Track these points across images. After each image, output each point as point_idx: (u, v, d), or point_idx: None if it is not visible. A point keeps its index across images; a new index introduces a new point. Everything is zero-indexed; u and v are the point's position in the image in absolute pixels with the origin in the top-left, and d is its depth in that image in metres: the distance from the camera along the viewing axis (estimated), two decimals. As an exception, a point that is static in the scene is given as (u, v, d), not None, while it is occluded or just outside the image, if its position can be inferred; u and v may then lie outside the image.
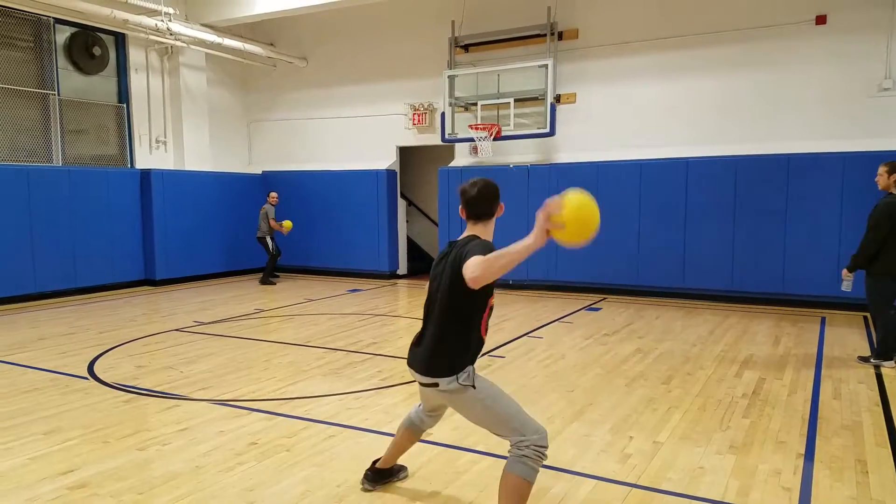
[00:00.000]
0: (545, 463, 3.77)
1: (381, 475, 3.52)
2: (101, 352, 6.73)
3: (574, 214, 2.44)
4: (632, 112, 10.46)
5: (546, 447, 2.89)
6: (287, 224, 12.24)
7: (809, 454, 3.99)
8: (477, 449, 4.04)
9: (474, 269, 2.53)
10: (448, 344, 2.92)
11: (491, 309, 2.96)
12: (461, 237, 3.00)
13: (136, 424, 4.57)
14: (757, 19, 9.51)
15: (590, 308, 9.39)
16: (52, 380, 5.68)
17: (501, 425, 2.90)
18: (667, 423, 4.54)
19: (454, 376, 2.88)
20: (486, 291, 2.84)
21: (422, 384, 3.03)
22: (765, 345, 7.02)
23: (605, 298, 10.23)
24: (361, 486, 3.51)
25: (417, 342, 3.06)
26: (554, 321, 8.37)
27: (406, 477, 3.63)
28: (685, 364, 6.17)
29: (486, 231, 2.99)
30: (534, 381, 5.58)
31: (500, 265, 2.51)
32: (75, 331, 7.83)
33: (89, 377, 5.77)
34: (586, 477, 3.65)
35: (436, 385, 2.93)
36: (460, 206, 3.07)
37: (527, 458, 2.83)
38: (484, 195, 2.99)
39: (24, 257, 9.86)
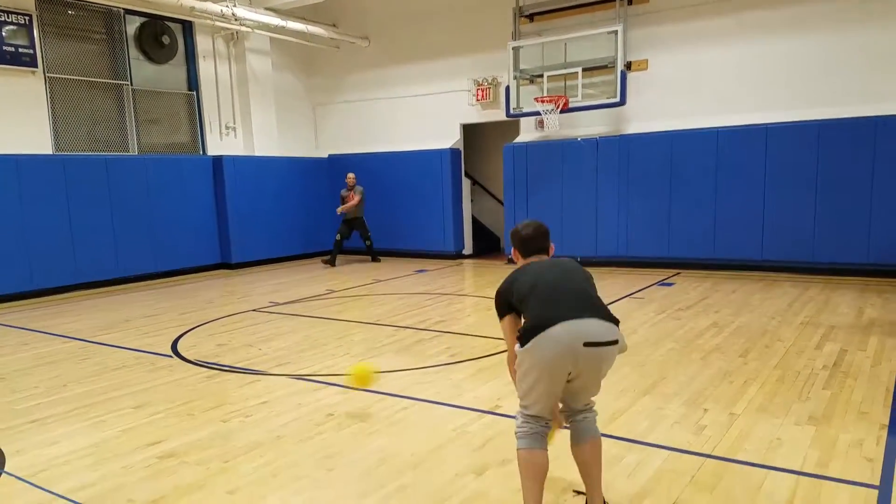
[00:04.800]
0: (617, 434, 3.78)
1: None
2: (182, 332, 7.03)
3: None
4: (707, 77, 10.08)
5: None
6: None
7: (894, 425, 3.84)
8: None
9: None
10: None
11: None
12: (548, 259, 3.03)
13: (219, 399, 4.78)
14: (836, -25, 9.03)
15: (662, 283, 9.20)
16: (138, 358, 5.98)
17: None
18: (743, 395, 4.44)
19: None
20: None
21: (598, 343, 2.64)
22: (847, 316, 6.75)
23: (678, 273, 10.01)
24: None
25: (572, 302, 2.73)
26: (625, 297, 8.25)
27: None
28: (763, 337, 6.00)
29: None
30: (604, 355, 5.52)
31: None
32: (157, 312, 8.19)
33: (173, 355, 6.05)
34: (660, 448, 3.62)
35: (615, 342, 2.71)
36: (514, 250, 3.11)
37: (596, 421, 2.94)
38: (541, 231, 3.07)
39: (107, 244, 10.36)
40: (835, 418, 3.97)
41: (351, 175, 12.54)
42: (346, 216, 12.44)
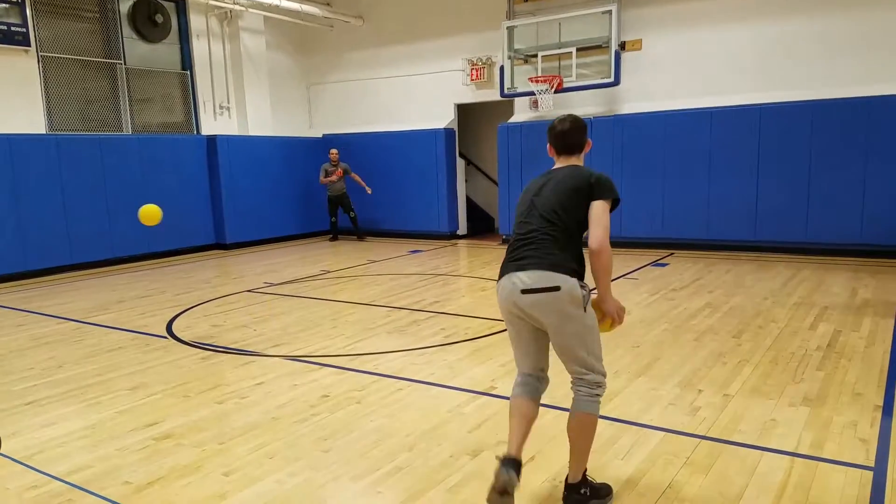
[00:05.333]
0: (612, 416, 3.80)
1: (514, 464, 2.88)
2: (177, 312, 7.02)
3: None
4: (702, 58, 10.03)
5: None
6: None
7: (888, 406, 3.86)
8: (541, 402, 4.05)
9: (603, 244, 2.79)
10: (570, 253, 2.83)
11: None
12: (562, 166, 3.01)
13: (215, 380, 4.78)
14: (834, -46, 8.95)
15: (656, 264, 9.22)
16: (133, 339, 5.97)
17: (586, 355, 2.80)
18: (737, 376, 4.46)
19: (577, 281, 2.77)
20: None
21: (535, 290, 2.73)
22: (841, 297, 6.78)
23: (672, 254, 10.02)
24: (503, 478, 2.82)
25: (524, 254, 2.84)
26: (618, 278, 8.27)
27: None
28: (756, 318, 6.02)
29: (578, 162, 3.05)
30: (599, 336, 5.53)
31: (607, 273, 2.88)
32: (152, 293, 8.17)
33: (168, 336, 6.04)
34: (654, 429, 3.64)
35: (557, 289, 2.71)
36: (549, 145, 3.09)
37: (598, 397, 2.84)
38: (577, 127, 3.04)
39: (101, 224, 10.30)
40: (829, 399, 3.99)
41: (334, 151, 12.72)
42: (330, 194, 12.69)
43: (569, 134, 3.02)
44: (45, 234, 9.61)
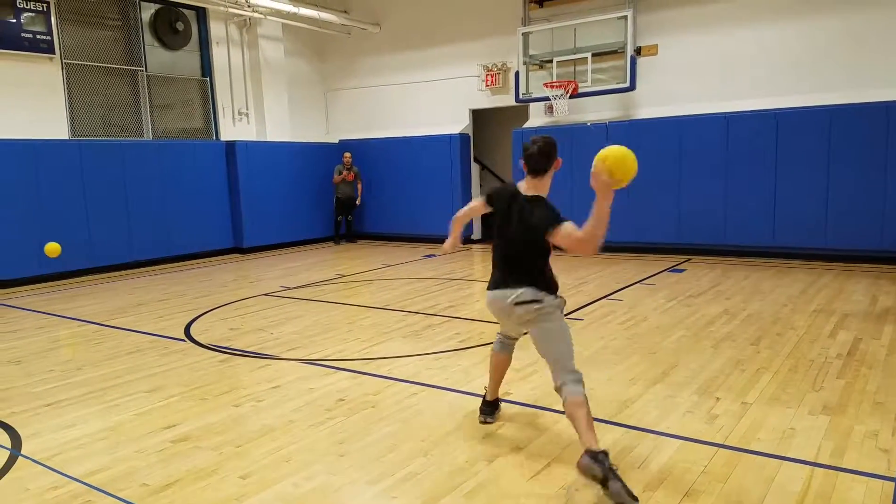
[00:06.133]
0: (628, 423, 3.78)
1: (493, 406, 3.93)
2: (195, 315, 7.07)
3: (613, 162, 3.03)
4: (717, 62, 9.98)
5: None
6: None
7: (911, 416, 3.81)
8: (556, 409, 4.04)
9: (587, 246, 3.00)
10: (546, 274, 3.33)
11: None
12: (523, 189, 3.38)
13: (232, 383, 4.81)
14: (854, -42, 8.87)
15: (673, 269, 9.16)
16: (151, 342, 6.02)
17: (563, 357, 3.23)
18: (755, 384, 4.42)
19: (554, 295, 3.29)
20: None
21: (522, 302, 3.26)
22: (861, 304, 6.69)
23: (689, 259, 9.95)
24: (480, 420, 3.88)
25: (507, 275, 3.37)
26: (634, 283, 8.22)
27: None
28: (775, 325, 5.96)
29: (542, 184, 3.38)
30: (614, 343, 5.52)
31: (601, 233, 2.97)
32: (171, 296, 8.24)
33: (186, 339, 6.09)
34: (671, 437, 3.60)
35: (539, 301, 3.24)
36: (521, 161, 3.40)
37: (578, 382, 3.17)
38: (543, 152, 3.35)
39: (121, 228, 10.42)
40: (850, 408, 3.94)
41: (348, 154, 13.00)
42: (338, 195, 13.12)
43: (535, 158, 3.35)
44: (66, 238, 9.66)
